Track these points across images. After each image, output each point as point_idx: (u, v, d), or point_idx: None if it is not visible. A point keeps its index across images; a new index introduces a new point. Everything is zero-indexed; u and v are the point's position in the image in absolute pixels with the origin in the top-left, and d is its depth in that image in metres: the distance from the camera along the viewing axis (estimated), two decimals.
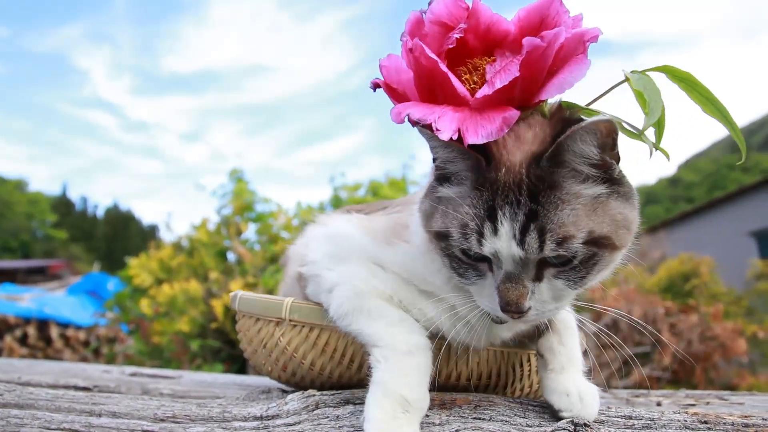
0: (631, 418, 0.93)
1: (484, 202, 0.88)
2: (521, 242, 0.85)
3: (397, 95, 0.94)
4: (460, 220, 0.89)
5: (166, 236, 7.42)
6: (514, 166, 0.87)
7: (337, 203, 6.49)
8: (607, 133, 0.85)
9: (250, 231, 6.72)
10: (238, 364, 5.71)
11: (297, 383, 1.17)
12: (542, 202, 0.86)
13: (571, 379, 1.05)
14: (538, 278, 0.90)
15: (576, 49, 0.87)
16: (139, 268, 6.29)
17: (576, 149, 0.86)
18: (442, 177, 0.95)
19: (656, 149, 0.97)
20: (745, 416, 0.89)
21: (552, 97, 0.90)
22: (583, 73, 0.86)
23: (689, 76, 0.95)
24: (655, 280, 7.28)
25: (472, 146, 0.85)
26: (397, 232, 1.09)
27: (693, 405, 1.20)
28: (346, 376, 1.08)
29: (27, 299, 8.13)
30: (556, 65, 0.87)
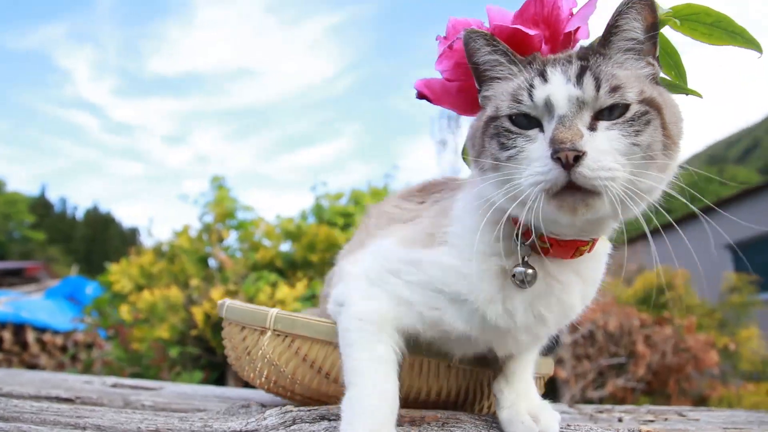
0: None
1: (533, 70, 0.96)
2: (578, 83, 0.91)
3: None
4: (511, 91, 0.96)
5: (147, 241, 7.40)
6: (562, 53, 0.99)
7: (318, 212, 6.53)
8: (646, 5, 0.94)
9: (232, 238, 6.74)
10: (217, 371, 5.71)
11: (277, 391, 1.21)
12: (593, 61, 0.94)
13: (522, 408, 1.06)
14: (592, 128, 0.91)
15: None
16: (120, 273, 6.27)
17: (622, 24, 0.95)
18: (485, 79, 1.03)
19: (688, 93, 1.06)
20: None
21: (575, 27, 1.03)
22: (592, 8, 1.01)
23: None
24: (632, 291, 7.38)
25: None
26: (433, 235, 1.11)
27: (652, 421, 1.26)
28: (324, 387, 1.13)
29: (3, 303, 8.03)
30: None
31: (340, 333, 1.08)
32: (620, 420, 1.28)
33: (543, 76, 0.94)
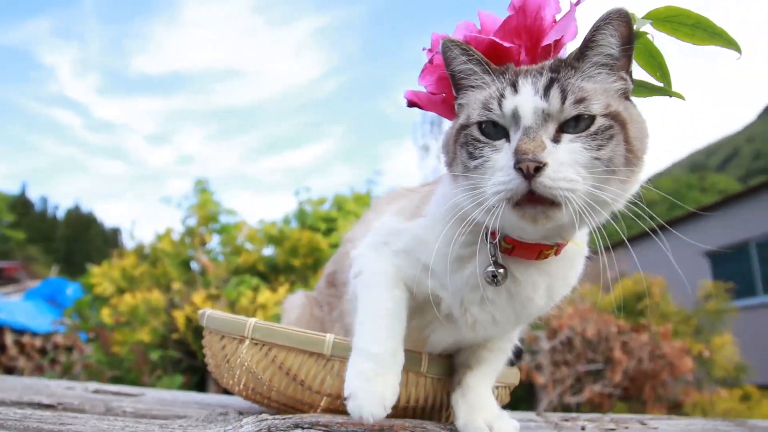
0: None
1: (506, 81, 1.00)
2: (545, 96, 0.95)
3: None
4: (483, 99, 1.01)
5: (129, 243, 7.37)
6: (536, 65, 1.03)
7: (301, 217, 6.57)
8: (622, 21, 0.98)
9: (214, 242, 6.75)
10: (198, 375, 5.71)
11: (254, 398, 1.26)
12: (563, 74, 0.98)
13: (478, 418, 1.12)
14: (556, 140, 0.95)
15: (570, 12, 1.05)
16: (102, 276, 6.25)
17: (598, 39, 0.99)
18: (461, 87, 1.08)
19: (671, 95, 1.10)
20: None
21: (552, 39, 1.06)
22: (568, 22, 1.04)
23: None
24: (610, 298, 7.49)
25: None
26: (419, 208, 1.21)
27: (614, 429, 1.33)
28: (299, 394, 1.17)
29: None
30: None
31: (360, 292, 1.18)
32: (583, 429, 1.34)
33: (514, 86, 0.98)
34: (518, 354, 1.35)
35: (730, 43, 1.04)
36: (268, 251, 6.45)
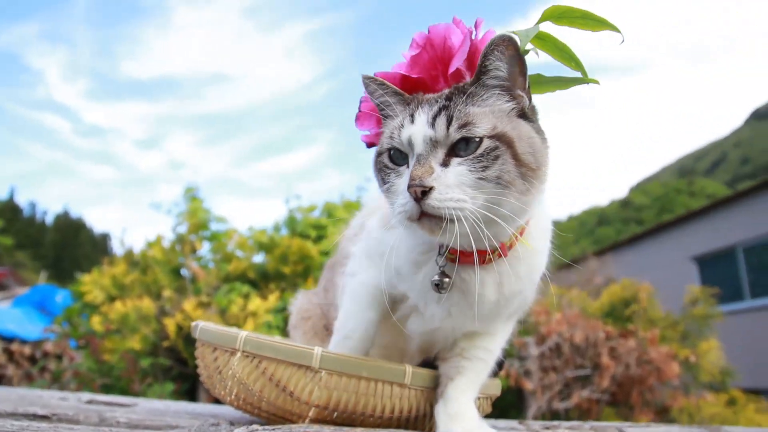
0: None
1: (408, 111, 1.11)
2: (432, 124, 1.05)
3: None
4: (389, 130, 1.13)
5: (119, 248, 7.37)
6: (433, 92, 1.14)
7: (291, 224, 6.59)
8: (507, 46, 1.06)
9: (205, 249, 6.76)
10: (188, 382, 5.72)
11: (245, 408, 1.30)
12: (455, 101, 1.07)
13: (459, 428, 1.17)
14: (445, 164, 1.04)
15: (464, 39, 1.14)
16: (92, 284, 6.24)
17: (488, 65, 1.07)
18: (383, 117, 1.20)
19: (590, 82, 1.18)
20: None
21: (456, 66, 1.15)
22: (464, 50, 1.13)
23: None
24: (598, 304, 7.57)
25: None
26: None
27: None
28: (288, 405, 1.21)
29: None
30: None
31: (345, 299, 1.36)
32: None
33: (412, 117, 1.09)
34: (500, 365, 1.40)
35: (613, 27, 1.13)
36: (259, 258, 6.47)
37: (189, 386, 5.72)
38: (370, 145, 1.26)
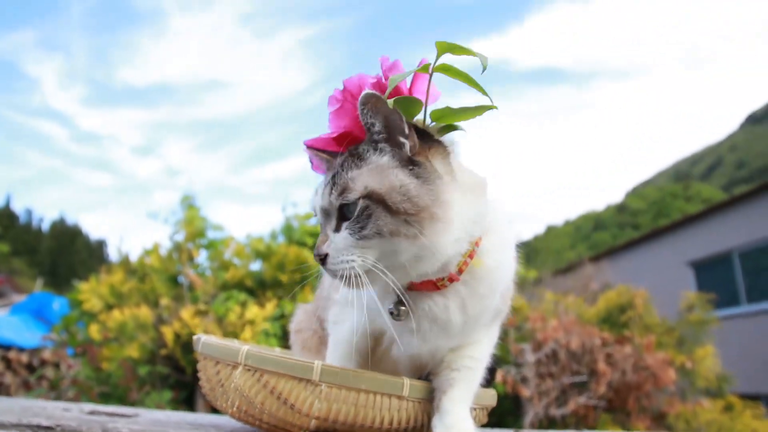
0: None
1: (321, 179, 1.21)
2: (322, 195, 1.15)
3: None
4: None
5: (115, 255, 7.39)
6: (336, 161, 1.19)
7: (288, 232, 6.62)
8: (369, 101, 1.10)
9: (202, 257, 6.78)
10: (186, 390, 5.74)
11: (247, 420, 1.33)
12: (344, 167, 1.14)
13: None
14: (337, 229, 1.13)
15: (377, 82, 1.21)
16: (90, 292, 6.26)
17: (366, 122, 1.13)
18: None
19: (491, 108, 1.22)
20: None
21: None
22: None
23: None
24: (594, 311, 7.60)
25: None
26: None
27: None
28: (290, 417, 1.24)
29: None
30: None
31: (332, 342, 1.44)
32: None
33: (317, 188, 1.19)
34: (491, 372, 1.43)
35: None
36: (256, 266, 6.49)
37: (187, 394, 5.74)
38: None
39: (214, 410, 5.38)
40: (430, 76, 1.20)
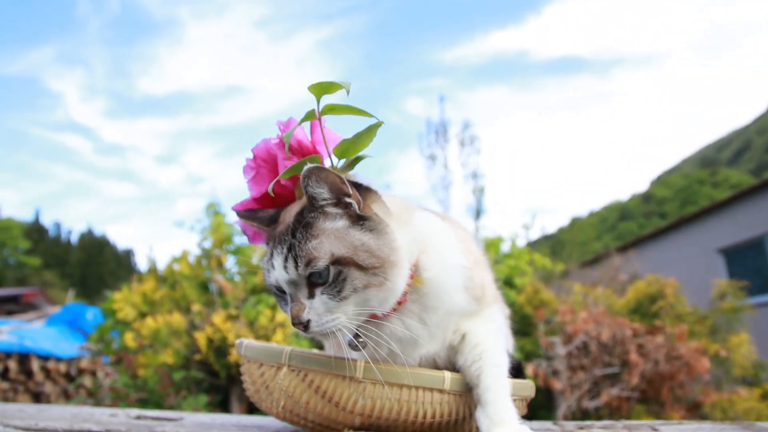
0: None
1: (269, 250, 1.23)
2: (285, 268, 1.17)
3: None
4: (263, 267, 1.25)
5: (143, 264, 7.54)
6: (286, 221, 1.22)
7: None
8: (320, 174, 1.16)
9: (230, 262, 6.88)
10: (221, 394, 5.83)
11: (292, 419, 1.36)
12: (298, 238, 1.17)
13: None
14: (311, 296, 1.17)
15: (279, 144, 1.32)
16: (123, 301, 6.38)
17: (311, 192, 1.17)
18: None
19: (380, 124, 1.27)
20: None
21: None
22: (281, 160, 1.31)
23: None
24: (624, 301, 7.52)
25: (273, 216, 1.28)
26: None
27: None
28: (334, 414, 1.28)
29: (5, 332, 8.12)
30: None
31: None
32: None
33: (271, 257, 1.20)
34: (517, 369, 1.46)
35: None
36: None
37: (222, 398, 5.83)
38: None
39: (250, 412, 5.46)
40: (320, 120, 1.29)
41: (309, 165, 1.15)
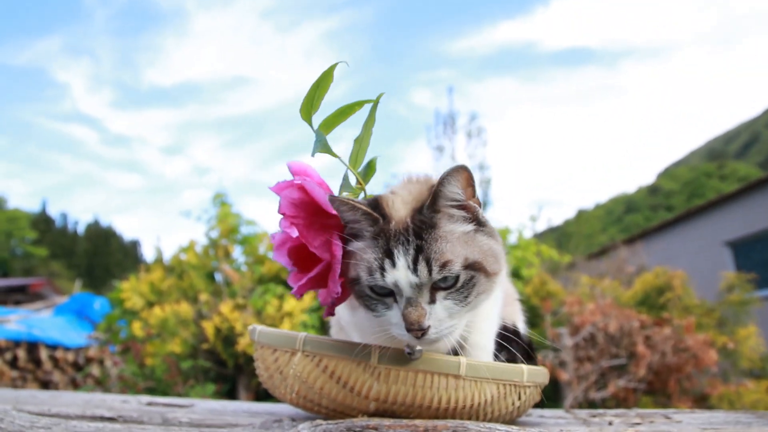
0: None
1: (381, 247, 1.14)
2: (414, 270, 1.11)
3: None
4: (366, 263, 1.15)
5: (149, 255, 7.59)
6: (401, 218, 1.16)
7: None
8: (464, 175, 1.14)
9: (237, 252, 6.89)
10: (228, 384, 5.85)
11: (305, 405, 1.36)
12: (426, 239, 1.12)
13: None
14: (432, 301, 1.13)
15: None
16: (131, 291, 6.41)
17: (446, 192, 1.14)
18: (351, 235, 1.21)
19: (362, 103, 1.34)
20: None
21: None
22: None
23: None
24: (631, 293, 7.51)
25: (371, 208, 1.18)
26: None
27: (639, 423, 1.41)
28: (349, 400, 1.27)
29: (13, 321, 8.18)
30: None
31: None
32: (610, 423, 1.42)
33: (391, 257, 1.13)
34: (527, 355, 1.46)
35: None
36: None
37: (229, 387, 5.85)
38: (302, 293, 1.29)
39: (257, 400, 5.47)
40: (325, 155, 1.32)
41: (457, 165, 1.13)
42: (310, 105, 1.30)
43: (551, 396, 5.97)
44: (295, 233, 1.25)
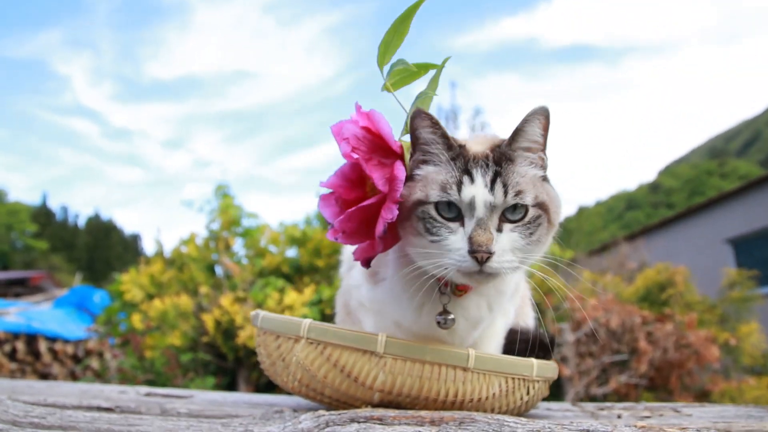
0: (588, 431, 1.10)
1: (460, 167, 1.15)
2: (492, 189, 1.12)
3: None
4: (440, 182, 1.14)
5: (150, 248, 7.55)
6: (479, 151, 1.18)
7: (322, 218, 6.64)
8: (545, 116, 1.16)
9: (238, 245, 6.85)
10: (228, 377, 5.83)
11: (308, 394, 1.32)
12: (504, 168, 1.15)
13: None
14: (500, 230, 1.13)
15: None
16: (131, 283, 6.38)
17: (528, 131, 1.16)
18: (422, 161, 1.20)
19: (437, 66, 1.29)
20: (683, 428, 1.08)
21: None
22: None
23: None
24: (633, 289, 7.49)
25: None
26: (377, 273, 1.39)
27: (648, 417, 1.38)
28: (353, 390, 1.24)
29: (13, 313, 8.15)
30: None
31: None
32: (619, 416, 1.39)
33: (470, 175, 1.13)
34: (545, 349, 1.44)
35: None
36: (291, 253, 6.53)
37: (229, 380, 5.83)
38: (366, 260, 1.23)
39: (257, 392, 5.44)
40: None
41: (542, 106, 1.15)
42: (385, 50, 1.25)
43: (552, 391, 5.93)
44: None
